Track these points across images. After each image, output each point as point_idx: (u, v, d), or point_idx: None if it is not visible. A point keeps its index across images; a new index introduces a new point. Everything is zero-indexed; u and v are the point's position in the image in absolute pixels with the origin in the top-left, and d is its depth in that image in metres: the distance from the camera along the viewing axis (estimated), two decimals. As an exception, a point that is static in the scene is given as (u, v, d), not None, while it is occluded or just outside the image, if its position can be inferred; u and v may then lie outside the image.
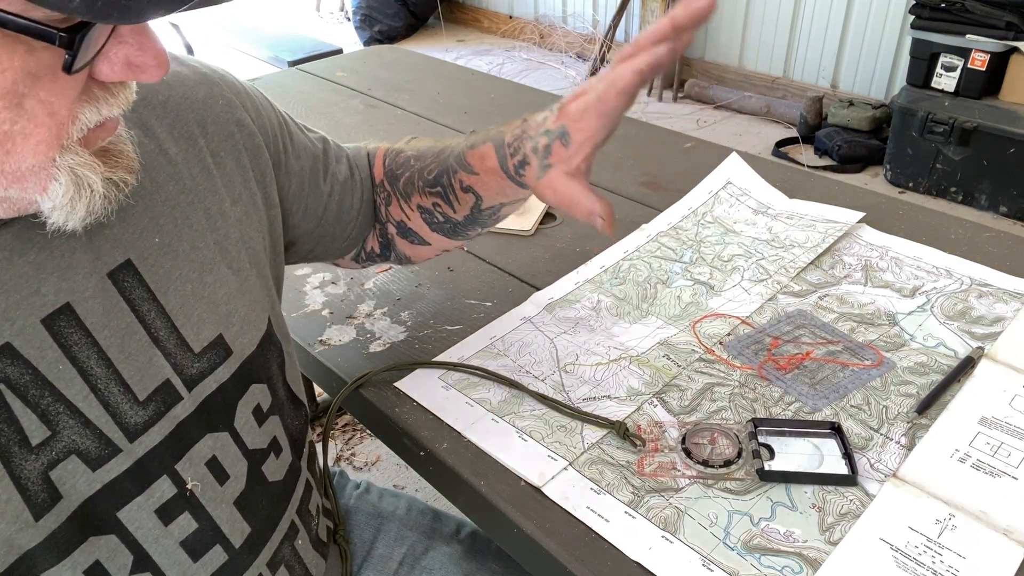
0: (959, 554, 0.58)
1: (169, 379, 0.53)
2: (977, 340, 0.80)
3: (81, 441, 0.48)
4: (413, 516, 0.85)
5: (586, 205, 0.61)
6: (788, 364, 0.77)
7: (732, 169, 1.12)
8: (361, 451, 1.79)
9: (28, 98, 0.39)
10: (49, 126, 0.41)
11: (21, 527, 0.46)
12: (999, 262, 0.91)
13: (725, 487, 0.65)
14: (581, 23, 4.31)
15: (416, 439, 0.71)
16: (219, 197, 0.58)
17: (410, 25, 4.70)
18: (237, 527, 0.58)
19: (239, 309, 0.58)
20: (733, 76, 3.67)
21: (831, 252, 0.95)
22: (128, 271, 0.51)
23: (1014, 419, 0.70)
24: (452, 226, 0.74)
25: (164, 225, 0.54)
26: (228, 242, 0.58)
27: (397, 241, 0.78)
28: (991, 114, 2.58)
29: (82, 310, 0.49)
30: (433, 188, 0.72)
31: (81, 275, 0.49)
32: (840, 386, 0.75)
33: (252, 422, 0.59)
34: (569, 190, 0.61)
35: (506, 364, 0.79)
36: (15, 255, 0.46)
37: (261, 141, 0.63)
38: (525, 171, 0.64)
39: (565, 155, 0.61)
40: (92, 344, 0.49)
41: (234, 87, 0.63)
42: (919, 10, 2.69)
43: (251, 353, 0.59)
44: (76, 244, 0.49)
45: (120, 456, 0.50)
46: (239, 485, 0.58)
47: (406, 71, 1.68)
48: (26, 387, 0.46)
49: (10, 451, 0.45)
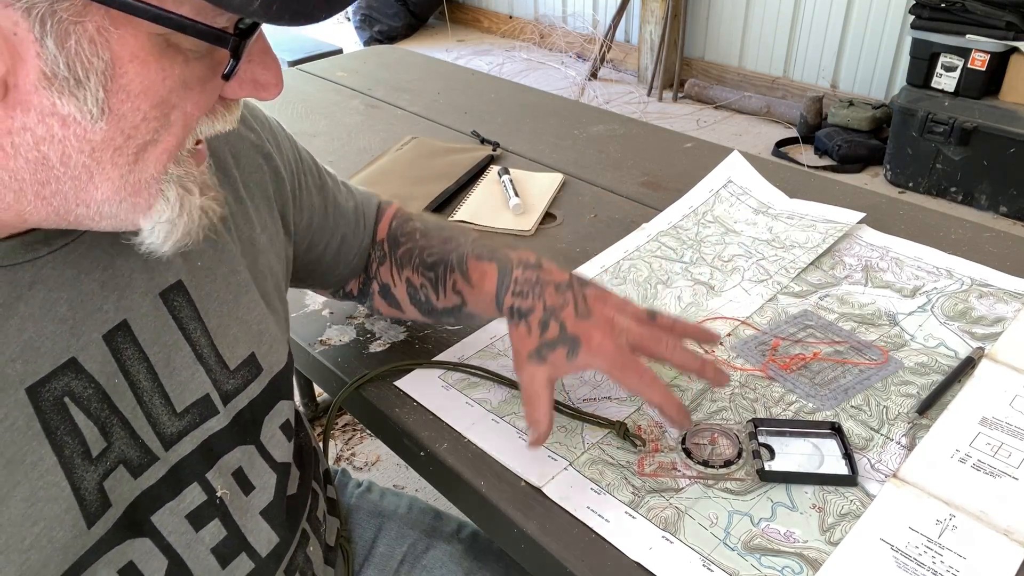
0: (959, 554, 0.58)
1: (208, 394, 0.55)
2: (978, 340, 0.80)
3: (128, 451, 0.50)
4: (414, 515, 0.85)
5: (538, 416, 0.63)
6: (791, 363, 0.77)
7: (733, 167, 1.12)
8: (361, 451, 1.79)
9: (177, 109, 0.40)
10: (179, 136, 0.42)
11: (76, 535, 0.47)
12: (999, 262, 0.91)
13: (725, 487, 0.65)
14: (581, 23, 4.31)
15: (416, 439, 0.71)
16: (251, 225, 0.61)
17: (410, 25, 4.70)
18: (263, 536, 0.59)
19: (269, 329, 0.60)
20: (733, 76, 3.67)
21: (831, 252, 0.95)
22: (178, 291, 0.53)
23: (1014, 419, 0.70)
24: (430, 309, 0.76)
25: (206, 250, 0.56)
26: (257, 267, 0.61)
27: (376, 297, 0.80)
28: (991, 114, 2.58)
29: (137, 327, 0.51)
30: (428, 272, 0.74)
31: (138, 294, 0.51)
32: (848, 387, 0.74)
33: (280, 436, 0.61)
34: (542, 392, 0.63)
35: (506, 364, 0.79)
36: (82, 273, 0.48)
37: (284, 174, 0.66)
38: (518, 326, 0.66)
39: (561, 362, 0.63)
40: (143, 359, 0.51)
41: (262, 121, 0.66)
42: (919, 10, 2.69)
43: (279, 371, 0.61)
44: (134, 265, 0.51)
45: (156, 464, 0.52)
46: (266, 496, 0.59)
47: (406, 71, 1.68)
48: (88, 400, 0.48)
49: (73, 463, 0.47)
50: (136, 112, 0.39)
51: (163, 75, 0.38)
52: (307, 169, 0.72)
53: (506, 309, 0.68)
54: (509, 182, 1.12)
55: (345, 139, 1.34)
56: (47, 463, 0.45)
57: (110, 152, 0.40)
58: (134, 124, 0.39)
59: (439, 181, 1.15)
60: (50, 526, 0.45)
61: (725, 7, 3.58)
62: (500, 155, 1.26)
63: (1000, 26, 2.53)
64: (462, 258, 0.72)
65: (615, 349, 0.63)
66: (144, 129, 0.40)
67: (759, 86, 3.58)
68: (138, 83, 0.38)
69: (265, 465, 0.60)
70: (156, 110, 0.39)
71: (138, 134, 0.40)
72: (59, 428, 0.46)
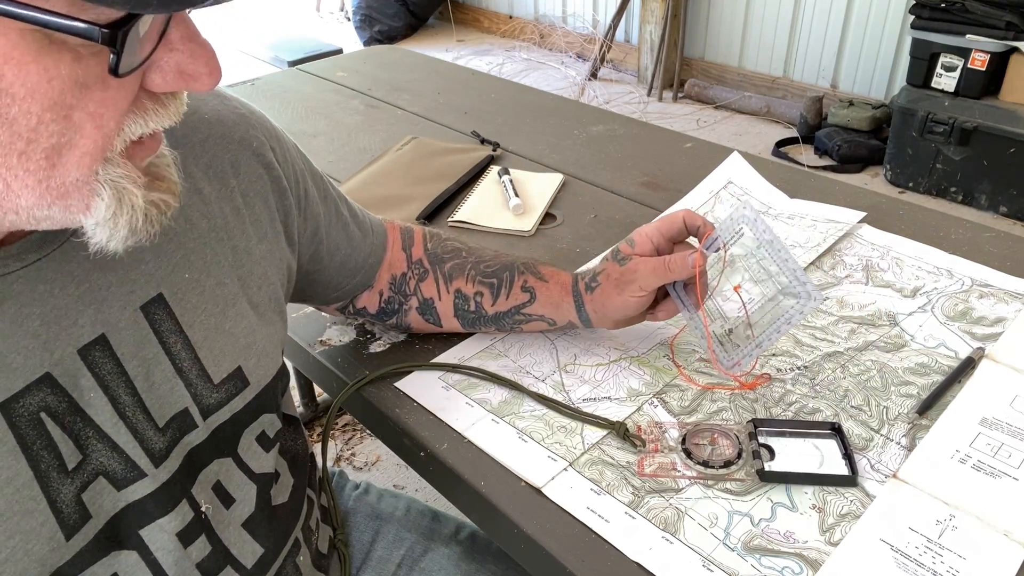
0: (959, 555, 0.58)
1: (187, 407, 0.54)
2: (978, 341, 0.80)
3: (108, 463, 0.50)
4: (412, 517, 0.85)
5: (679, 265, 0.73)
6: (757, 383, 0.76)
7: (733, 169, 1.12)
8: (361, 451, 1.79)
9: (77, 110, 0.38)
10: (95, 138, 0.39)
11: (54, 548, 0.47)
12: (1000, 262, 0.91)
13: (725, 488, 0.65)
14: (581, 23, 4.31)
15: (416, 439, 0.71)
16: (247, 235, 0.60)
17: (410, 25, 4.70)
18: (247, 548, 0.59)
19: (257, 342, 0.59)
20: (733, 76, 3.67)
21: (832, 252, 0.95)
22: (159, 304, 0.53)
23: (1015, 420, 0.70)
24: (475, 318, 0.80)
25: (194, 262, 0.55)
26: (251, 279, 0.60)
27: (411, 315, 0.81)
28: (991, 114, 2.58)
29: (115, 340, 0.50)
30: (488, 279, 0.79)
31: (116, 307, 0.50)
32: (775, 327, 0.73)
33: (256, 447, 0.60)
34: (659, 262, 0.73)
35: (506, 365, 0.79)
36: (55, 288, 0.47)
37: (287, 184, 0.65)
38: (595, 285, 0.76)
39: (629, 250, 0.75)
40: (122, 373, 0.50)
41: (267, 130, 0.65)
42: (919, 10, 2.69)
43: (267, 384, 0.60)
44: (112, 278, 0.50)
45: (145, 480, 0.51)
46: (247, 508, 0.59)
47: (406, 71, 1.68)
48: (63, 414, 0.47)
49: (49, 476, 0.46)
50: (28, 115, 0.36)
51: (47, 76, 0.36)
52: (312, 178, 0.71)
53: (582, 288, 0.77)
54: (509, 182, 1.12)
55: (345, 139, 1.34)
56: (23, 478, 0.45)
57: (15, 157, 0.37)
58: (30, 127, 0.37)
59: (439, 181, 1.15)
60: (26, 539, 0.45)
61: (725, 7, 3.58)
62: (500, 155, 1.26)
63: (1000, 26, 2.53)
64: (530, 263, 0.80)
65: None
66: (45, 132, 0.37)
67: (759, 86, 3.58)
68: (19, 85, 0.35)
69: (244, 476, 0.59)
70: (51, 112, 0.37)
71: (40, 138, 0.37)
72: (35, 443, 0.46)
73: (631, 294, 0.73)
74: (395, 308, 0.81)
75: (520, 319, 0.79)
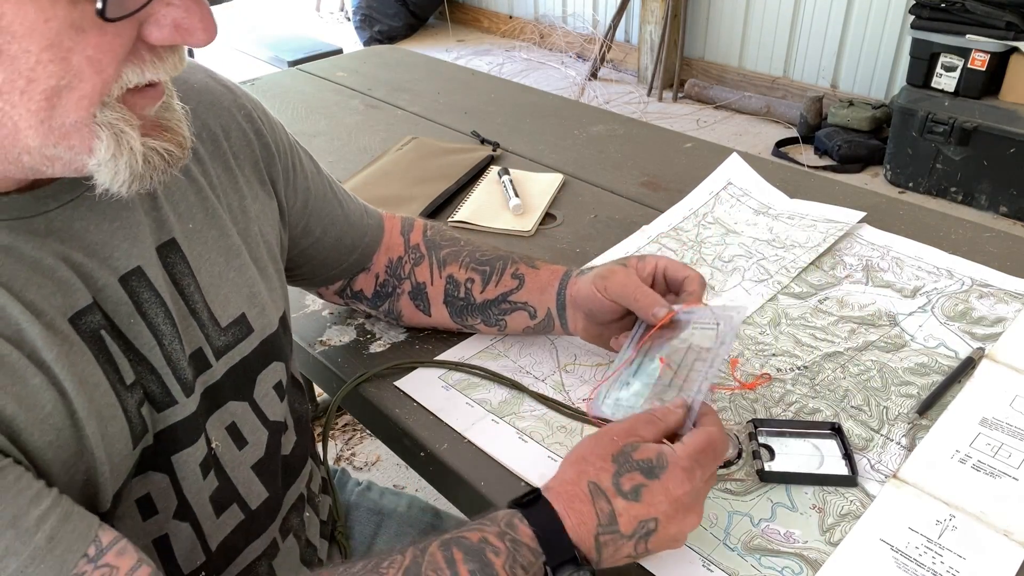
0: (959, 555, 0.58)
1: (201, 347, 0.57)
2: (978, 341, 0.80)
3: (150, 386, 0.53)
4: (414, 514, 0.85)
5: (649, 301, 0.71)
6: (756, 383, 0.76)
7: (733, 169, 1.12)
8: (361, 451, 1.79)
9: (75, 53, 0.40)
10: (94, 82, 0.41)
11: (126, 455, 0.51)
12: (1000, 262, 0.91)
13: (725, 488, 0.65)
14: (581, 23, 4.31)
15: (416, 439, 0.71)
16: (240, 195, 0.63)
17: (410, 25, 4.69)
18: (254, 489, 0.62)
19: (259, 293, 0.62)
20: (733, 76, 3.66)
21: (832, 252, 0.95)
22: (173, 248, 0.56)
23: (1015, 420, 0.70)
24: (464, 306, 0.80)
25: (196, 215, 0.58)
26: (249, 235, 0.63)
27: (403, 299, 0.82)
28: (991, 114, 2.58)
29: (151, 274, 0.53)
30: (480, 266, 0.79)
31: (146, 245, 0.54)
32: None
33: (273, 395, 0.64)
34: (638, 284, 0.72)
35: (506, 364, 0.79)
36: (91, 224, 0.50)
37: (275, 151, 0.68)
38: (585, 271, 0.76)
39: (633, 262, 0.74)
40: (160, 304, 0.53)
41: (254, 102, 0.68)
42: (919, 10, 2.69)
43: (271, 334, 0.63)
44: (140, 217, 0.53)
45: (177, 407, 0.55)
46: (258, 452, 0.62)
47: (406, 71, 1.68)
48: (115, 338, 0.51)
49: (117, 388, 0.50)
50: (27, 54, 0.39)
51: (44, 16, 0.38)
52: (304, 153, 0.73)
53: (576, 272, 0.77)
54: (509, 182, 1.12)
55: (345, 139, 1.34)
56: (104, 385, 0.49)
57: (16, 95, 0.40)
58: (30, 66, 0.39)
59: (439, 181, 1.15)
60: (114, 441, 0.49)
61: (725, 7, 3.58)
62: (500, 155, 1.26)
63: (1000, 26, 2.52)
64: (529, 257, 0.80)
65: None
66: (44, 73, 0.39)
67: (759, 86, 3.58)
68: (19, 23, 0.38)
69: (257, 422, 0.62)
70: (48, 52, 0.39)
71: (39, 77, 0.39)
72: (100, 356, 0.49)
73: (596, 286, 0.72)
74: (389, 291, 0.82)
75: (506, 308, 0.79)
